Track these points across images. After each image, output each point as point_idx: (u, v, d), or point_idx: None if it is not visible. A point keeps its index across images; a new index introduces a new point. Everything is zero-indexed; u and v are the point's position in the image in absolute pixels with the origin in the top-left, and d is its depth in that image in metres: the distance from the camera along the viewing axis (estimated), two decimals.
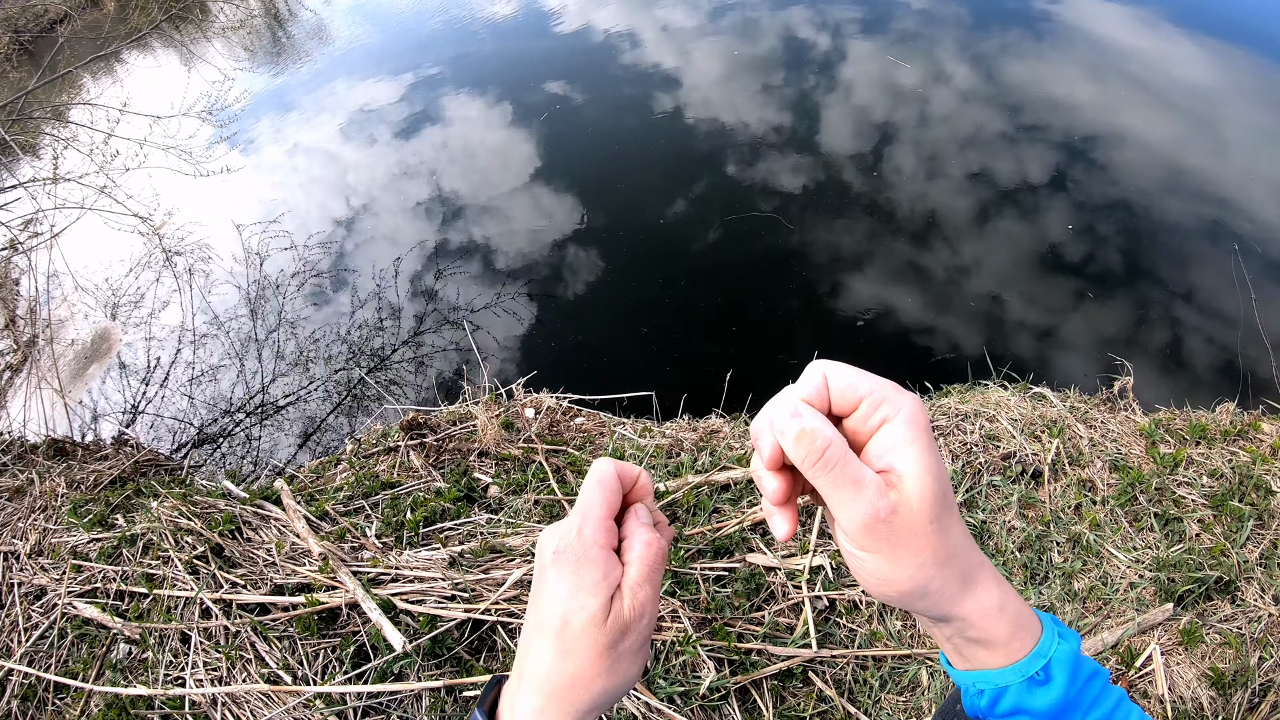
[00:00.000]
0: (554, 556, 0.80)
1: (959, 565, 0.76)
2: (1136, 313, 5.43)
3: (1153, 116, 7.20)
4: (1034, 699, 0.79)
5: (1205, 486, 3.34)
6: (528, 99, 8.93)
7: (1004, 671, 0.80)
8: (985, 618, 0.78)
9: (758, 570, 2.99)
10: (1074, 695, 0.80)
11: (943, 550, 0.74)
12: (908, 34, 9.03)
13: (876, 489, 0.72)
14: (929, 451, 0.73)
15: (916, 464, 0.72)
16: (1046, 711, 0.79)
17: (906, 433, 0.72)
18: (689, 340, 5.67)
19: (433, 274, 6.63)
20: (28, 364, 6.31)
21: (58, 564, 3.45)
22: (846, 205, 6.66)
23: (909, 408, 0.73)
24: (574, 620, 0.78)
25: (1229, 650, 2.73)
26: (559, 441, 3.89)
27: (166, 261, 7.10)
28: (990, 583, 0.78)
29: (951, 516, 0.74)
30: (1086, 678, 0.81)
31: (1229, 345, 5.16)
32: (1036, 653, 0.79)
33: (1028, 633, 0.80)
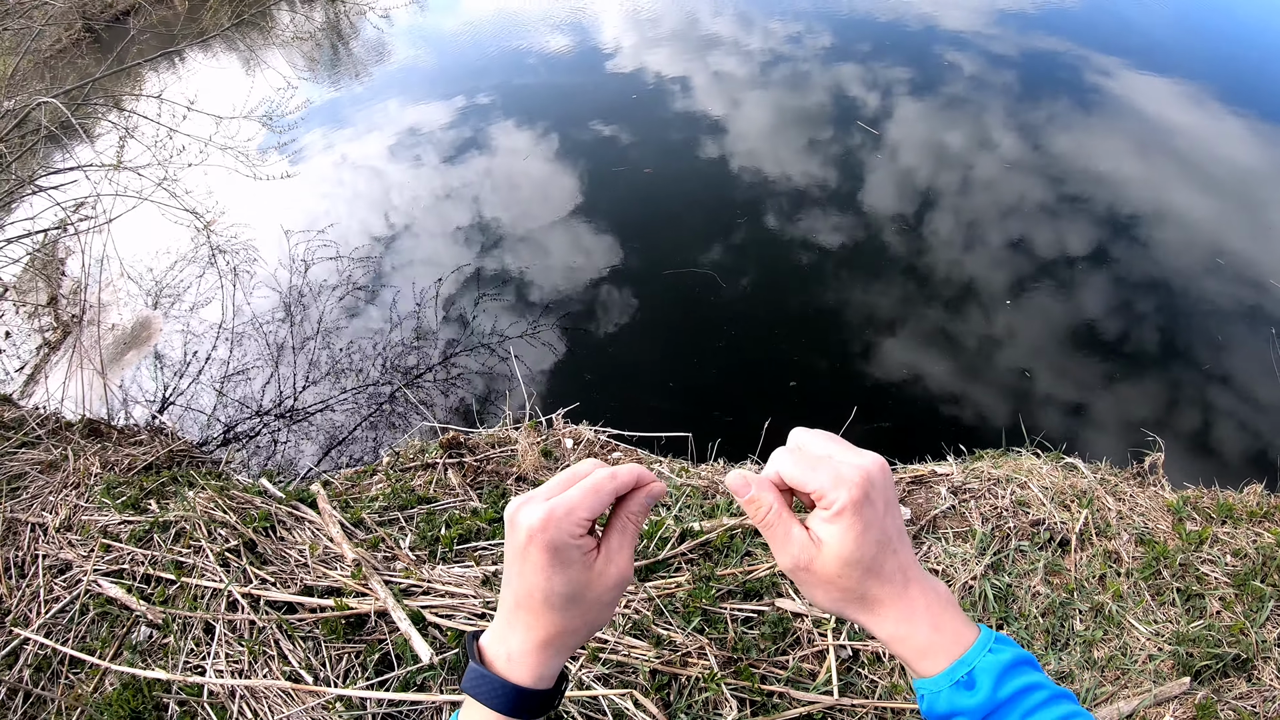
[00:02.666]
0: (531, 535, 0.92)
1: (863, 604, 0.95)
2: (1170, 393, 5.43)
3: (1196, 196, 7.22)
4: (963, 700, 0.93)
5: (1229, 565, 3.35)
6: (575, 135, 9.03)
7: (935, 679, 0.94)
8: (889, 641, 0.96)
9: (785, 615, 3.00)
10: (1002, 698, 0.92)
11: (850, 593, 0.94)
12: (956, 99, 9.09)
13: (800, 545, 0.95)
14: (849, 530, 0.92)
15: (833, 538, 0.92)
16: (973, 710, 0.92)
17: (833, 517, 0.92)
18: (725, 387, 5.69)
19: (470, 299, 6.68)
20: (68, 341, 6.38)
21: (86, 541, 3.48)
22: (884, 267, 6.70)
23: (841, 500, 0.91)
24: (557, 592, 0.94)
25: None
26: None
27: (212, 259, 7.18)
28: (898, 619, 0.95)
29: (865, 576, 0.94)
30: (1021, 689, 0.93)
31: (1261, 430, 5.15)
32: (960, 662, 0.94)
33: (944, 653, 0.94)
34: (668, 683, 2.70)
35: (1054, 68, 9.72)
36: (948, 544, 3.44)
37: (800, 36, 11.16)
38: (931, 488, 3.81)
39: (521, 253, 7.22)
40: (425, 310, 6.56)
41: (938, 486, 3.79)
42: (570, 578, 0.94)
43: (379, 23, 14.04)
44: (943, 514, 3.60)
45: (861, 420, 4.36)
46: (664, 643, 2.81)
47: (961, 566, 3.30)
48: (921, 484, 3.86)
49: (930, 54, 10.25)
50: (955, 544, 3.44)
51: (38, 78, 8.64)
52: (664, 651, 2.76)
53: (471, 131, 9.43)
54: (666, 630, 2.86)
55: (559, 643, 0.97)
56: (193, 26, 9.87)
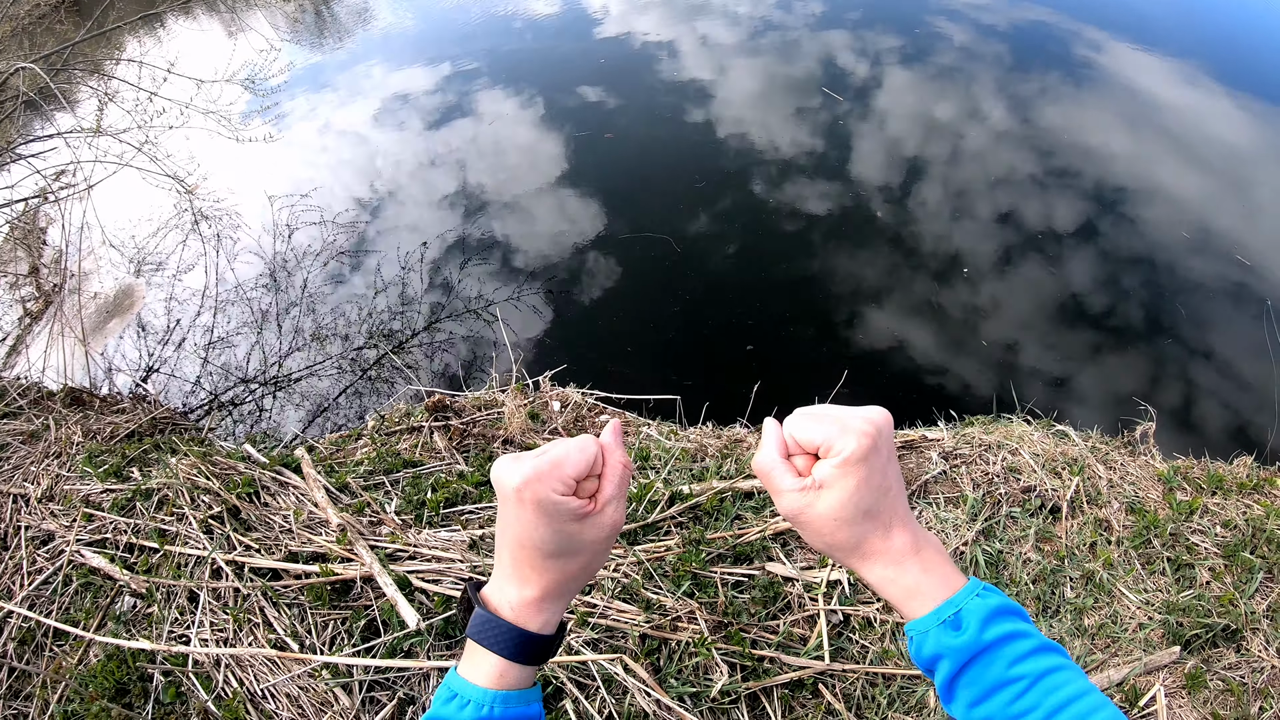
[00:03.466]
0: (519, 492, 0.97)
1: (855, 551, 1.01)
2: (1159, 365, 5.43)
3: (1185, 172, 7.20)
4: (949, 640, 0.95)
5: (1218, 536, 3.37)
6: (561, 101, 8.94)
7: (923, 619, 0.98)
8: (879, 585, 1.01)
9: (776, 579, 2.99)
10: (988, 640, 0.95)
11: (842, 540, 1.00)
12: (946, 69, 9.03)
13: (792, 497, 1.01)
14: (842, 489, 0.98)
15: (831, 488, 0.98)
16: (959, 649, 0.95)
17: (833, 468, 0.98)
18: (713, 350, 5.66)
19: (455, 264, 6.63)
20: (50, 311, 6.31)
21: (68, 511, 3.44)
22: (870, 236, 6.66)
23: (850, 448, 0.98)
24: (552, 544, 0.99)
25: (1230, 697, 2.76)
26: None
27: (195, 225, 7.10)
28: (887, 564, 1.00)
29: (858, 524, 1.00)
30: (1007, 634, 0.96)
31: (1248, 405, 5.15)
32: (948, 603, 0.97)
33: (931, 596, 0.98)
34: (658, 647, 2.69)
35: (1045, 40, 9.67)
36: (939, 509, 3.43)
37: (789, 2, 11.07)
38: (922, 453, 3.79)
39: (506, 219, 7.15)
40: (410, 276, 6.51)
41: (929, 451, 3.78)
42: (562, 529, 0.98)
43: None
44: (934, 479, 3.59)
45: (850, 384, 4.33)
46: (654, 607, 2.80)
47: (953, 532, 3.29)
48: (912, 449, 3.84)
49: (921, 23, 10.17)
50: (946, 509, 3.43)
51: (16, 44, 8.50)
52: (654, 616, 2.75)
53: (456, 97, 9.33)
54: (656, 594, 2.85)
55: (559, 590, 1.02)
56: None
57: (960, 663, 0.95)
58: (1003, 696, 0.94)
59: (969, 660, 0.95)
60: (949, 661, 0.96)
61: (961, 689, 0.97)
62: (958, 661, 0.95)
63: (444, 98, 9.35)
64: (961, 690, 0.97)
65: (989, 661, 0.95)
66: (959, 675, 0.96)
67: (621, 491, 1.04)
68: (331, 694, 2.62)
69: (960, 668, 0.96)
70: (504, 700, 0.98)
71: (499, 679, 0.99)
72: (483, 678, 0.99)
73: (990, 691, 0.95)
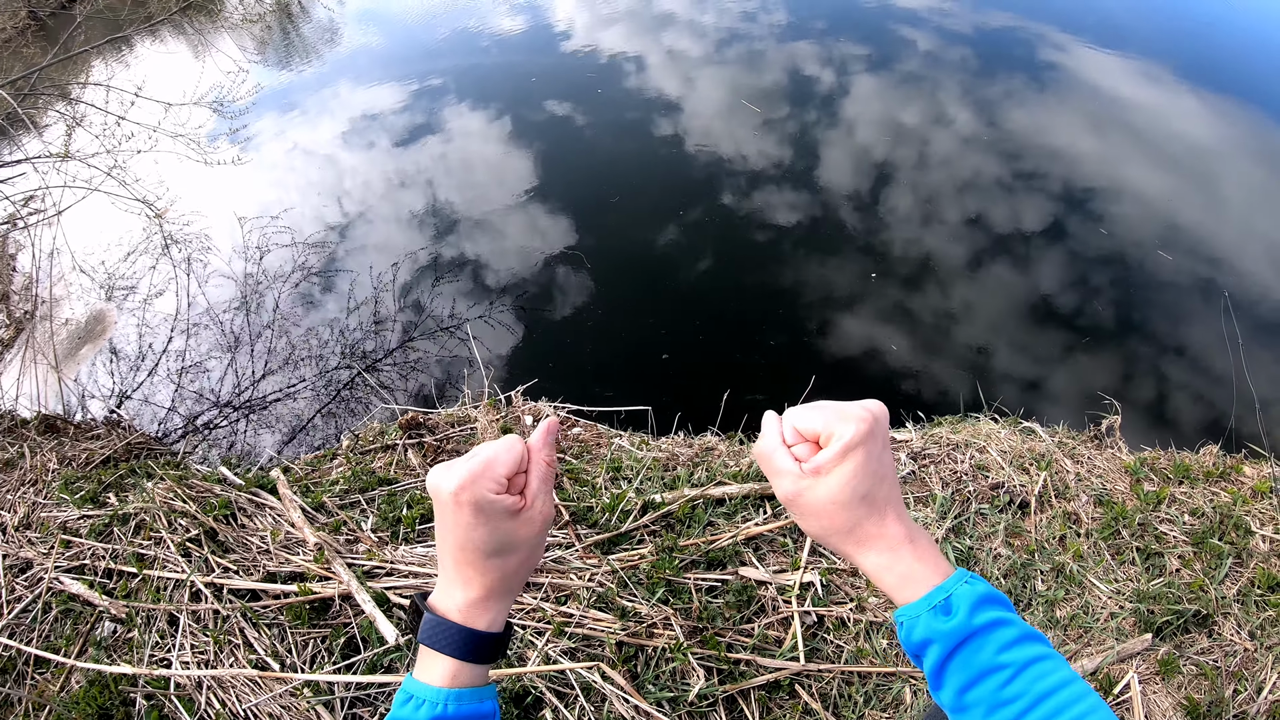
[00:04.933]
0: (456, 496, 1.02)
1: (850, 536, 1.05)
2: (1126, 362, 5.50)
3: (1152, 171, 7.29)
4: (939, 625, 0.99)
5: (1187, 524, 3.43)
6: (530, 116, 8.97)
7: (915, 604, 1.02)
8: (873, 572, 1.05)
9: (749, 583, 3.02)
10: (977, 625, 0.99)
11: (835, 525, 1.05)
12: (912, 75, 9.11)
13: (790, 480, 1.06)
14: (840, 474, 1.03)
15: (829, 473, 1.03)
16: (949, 633, 0.99)
17: (832, 454, 1.03)
18: (684, 361, 5.70)
19: (427, 283, 6.64)
20: (21, 339, 6.28)
21: (46, 538, 3.43)
22: (839, 244, 6.71)
23: (849, 434, 1.02)
24: (490, 543, 1.04)
25: (1204, 681, 2.80)
26: (556, 450, 3.88)
27: (165, 249, 7.08)
28: (881, 552, 1.04)
29: (854, 508, 1.04)
30: (993, 620, 1.00)
31: (1213, 397, 5.24)
32: (939, 589, 1.01)
33: (924, 582, 1.03)
34: (634, 654, 2.72)
35: (1009, 44, 9.77)
36: (908, 509, 3.46)
37: (754, 14, 11.14)
38: (892, 454, 3.83)
39: (476, 237, 7.17)
40: (382, 295, 6.52)
41: (897, 453, 3.82)
42: (498, 527, 1.04)
43: (330, 4, 13.85)
44: (902, 480, 3.64)
45: (820, 390, 4.37)
46: (629, 614, 2.82)
47: None
48: None
49: (885, 30, 10.25)
50: (916, 509, 3.48)
51: None
52: (629, 623, 2.78)
53: (424, 116, 9.33)
54: (631, 602, 2.88)
55: (502, 587, 1.07)
56: (140, 11, 9.72)
57: (950, 647, 1.00)
58: (991, 682, 0.98)
59: (959, 644, 1.00)
60: (939, 646, 1.00)
61: (951, 674, 1.01)
62: (947, 645, 1.00)
63: (412, 116, 9.36)
64: (951, 675, 1.01)
65: (978, 646, 0.99)
66: (949, 659, 1.01)
67: (547, 485, 1.11)
68: (314, 712, 2.63)
69: (950, 651, 1.00)
70: (457, 698, 1.03)
71: (452, 679, 1.04)
72: (437, 678, 1.04)
73: (979, 677, 0.99)
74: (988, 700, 0.98)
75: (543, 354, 5.92)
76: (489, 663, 1.08)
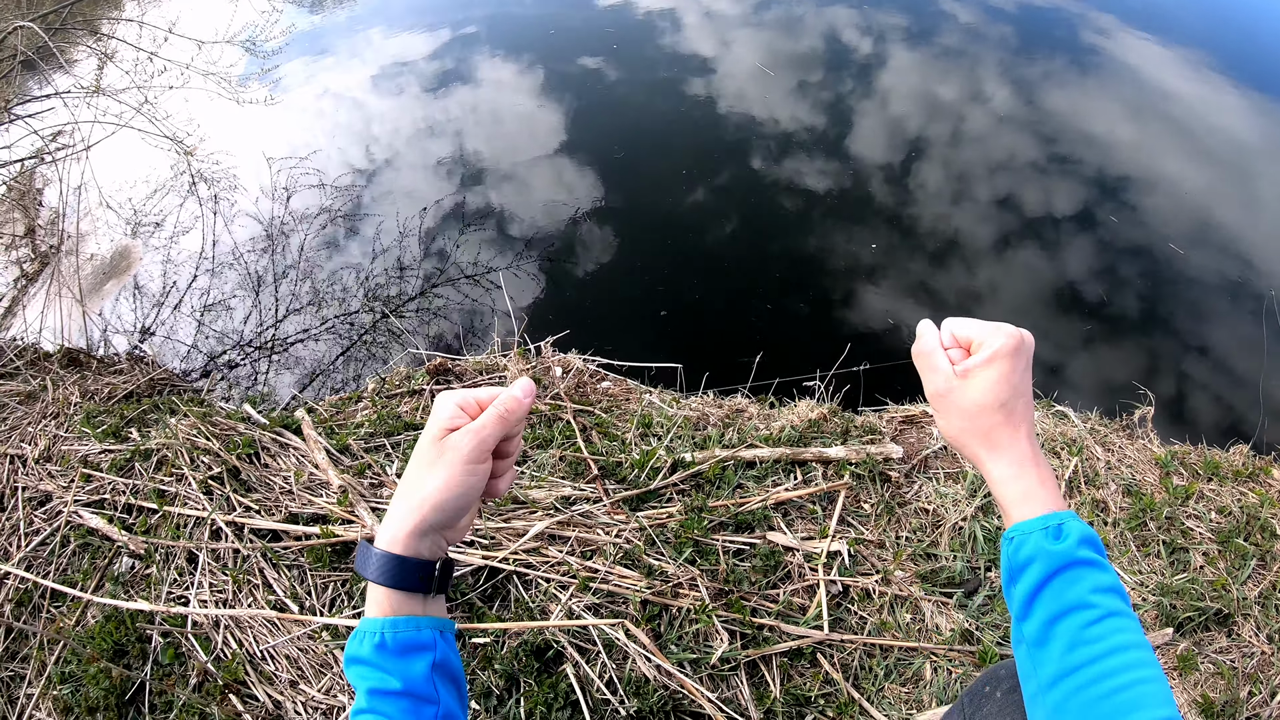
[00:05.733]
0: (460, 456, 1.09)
1: (986, 439, 1.16)
2: (1149, 355, 5.42)
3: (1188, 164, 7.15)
4: (1049, 545, 1.07)
5: (1213, 521, 3.40)
6: (562, 69, 8.85)
7: (1030, 522, 1.10)
8: (999, 482, 1.15)
9: (777, 549, 2.99)
10: (1079, 558, 1.06)
11: (974, 425, 1.16)
12: (951, 49, 8.94)
13: (944, 378, 1.19)
14: (989, 373, 1.15)
15: (976, 378, 1.16)
16: (1054, 555, 1.06)
17: (981, 359, 1.15)
18: (712, 321, 5.64)
19: (453, 231, 6.58)
20: (45, 273, 6.27)
21: (66, 472, 3.43)
22: (866, 215, 6.60)
23: (997, 344, 1.15)
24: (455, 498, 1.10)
25: (1220, 680, 2.79)
26: (585, 403, 3.88)
27: (193, 187, 7.04)
28: (1010, 462, 1.14)
29: (993, 412, 1.15)
30: (1093, 560, 1.07)
31: (1236, 399, 5.16)
32: (1055, 514, 1.10)
33: (1042, 504, 1.11)
34: (659, 613, 2.69)
35: (1052, 24, 9.54)
36: (939, 484, 3.43)
37: None
38: (923, 428, 3.79)
39: (503, 188, 7.08)
40: (407, 241, 6.46)
41: (929, 427, 3.78)
42: (471, 487, 1.10)
43: None
44: (934, 454, 3.59)
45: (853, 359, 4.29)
46: (655, 573, 2.80)
47: (952, 507, 3.30)
48: (913, 424, 3.85)
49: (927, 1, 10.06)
50: (946, 484, 3.43)
51: (14, 3, 8.41)
52: (655, 582, 2.75)
53: (455, 63, 9.22)
54: (658, 561, 2.85)
55: (425, 514, 1.09)
56: None
57: (1051, 569, 1.06)
58: (1079, 618, 1.03)
59: (1059, 569, 1.06)
60: (1041, 566, 1.07)
61: (1044, 600, 1.06)
62: (1049, 567, 1.06)
63: (442, 64, 9.25)
64: (1044, 601, 1.06)
65: (1075, 578, 1.05)
66: (1046, 582, 1.06)
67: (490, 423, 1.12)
68: (331, 655, 2.62)
69: (1050, 575, 1.06)
70: (393, 626, 1.07)
71: (387, 608, 1.08)
72: (374, 609, 1.09)
73: (1069, 610, 1.04)
74: (1070, 637, 1.03)
75: (570, 307, 5.86)
76: (423, 592, 1.10)
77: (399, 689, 1.06)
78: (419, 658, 1.08)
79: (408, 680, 1.06)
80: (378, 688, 1.06)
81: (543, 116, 7.99)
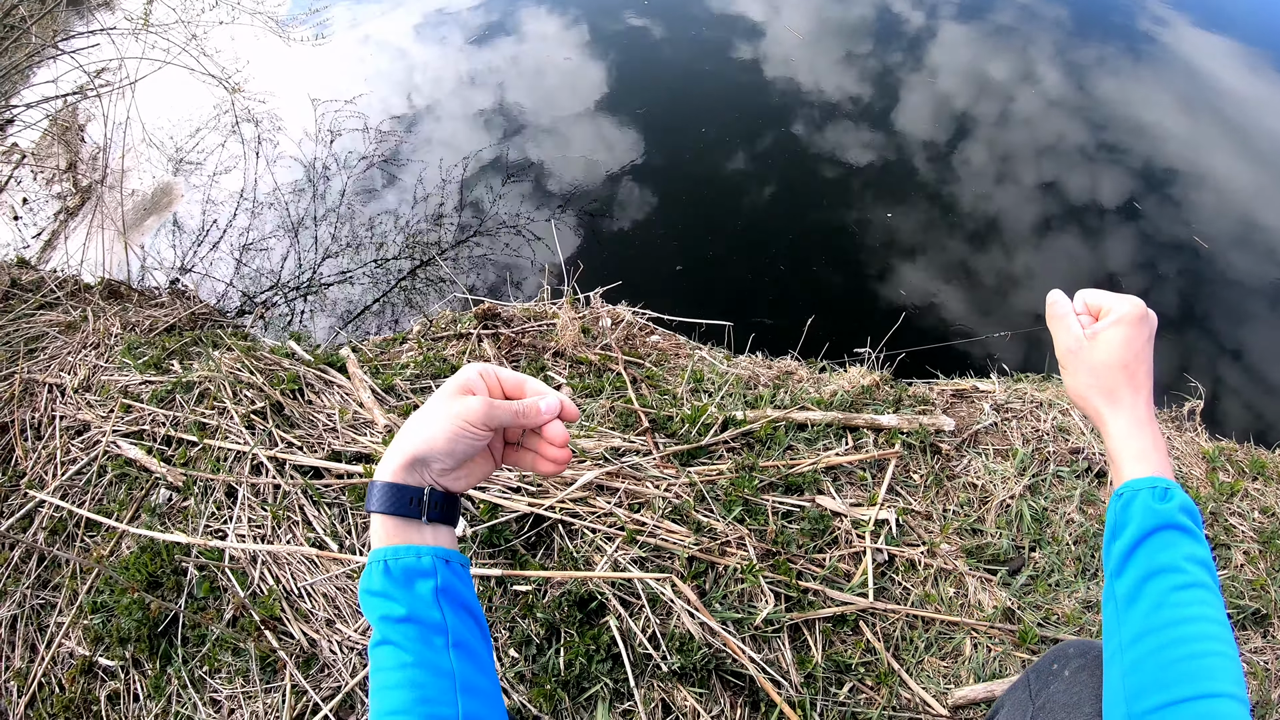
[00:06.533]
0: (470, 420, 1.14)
1: (1109, 396, 1.28)
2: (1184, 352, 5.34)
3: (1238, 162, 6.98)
4: (1154, 504, 1.16)
5: (1256, 521, 3.35)
6: (607, 26, 8.74)
7: (1140, 480, 1.19)
8: (1115, 436, 1.26)
9: (826, 513, 2.95)
10: (1177, 523, 1.15)
11: (1100, 382, 1.29)
12: (1004, 28, 8.77)
13: (1074, 338, 1.33)
14: (1114, 336, 1.28)
15: (1104, 338, 1.29)
16: (1159, 513, 1.15)
17: (1108, 322, 1.30)
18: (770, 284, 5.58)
19: (495, 181, 6.53)
20: (87, 207, 6.26)
21: (105, 402, 3.41)
22: (910, 192, 6.49)
23: (1123, 310, 1.29)
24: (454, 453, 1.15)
25: (1253, 680, 2.75)
26: (635, 355, 3.83)
27: (235, 127, 7.01)
28: (1128, 421, 1.26)
29: (1118, 371, 1.27)
30: (1190, 528, 1.15)
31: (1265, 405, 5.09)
32: (1162, 478, 1.19)
33: (1153, 466, 1.21)
34: (704, 570, 2.65)
35: (1109, 9, 9.33)
36: (988, 460, 3.37)
37: None
38: (973, 402, 3.74)
39: (544, 142, 7.03)
40: (449, 188, 6.42)
41: (980, 402, 3.72)
42: (465, 444, 1.14)
43: None
44: (984, 430, 3.53)
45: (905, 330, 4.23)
46: (703, 530, 2.76)
47: (1000, 484, 3.25)
48: (963, 398, 3.79)
49: None
50: (995, 461, 3.38)
51: None
52: (703, 539, 2.71)
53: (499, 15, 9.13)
54: (707, 518, 2.81)
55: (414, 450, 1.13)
56: None
57: (1149, 528, 1.15)
58: (1169, 580, 1.11)
59: (1156, 528, 1.15)
60: (1139, 523, 1.16)
61: (1138, 558, 1.15)
62: (1147, 525, 1.15)
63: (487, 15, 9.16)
64: (1139, 558, 1.15)
65: (1170, 541, 1.14)
66: (1142, 541, 1.15)
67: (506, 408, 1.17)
68: None
69: (1147, 533, 1.15)
70: (394, 553, 1.11)
71: (387, 537, 1.12)
72: (377, 540, 1.13)
73: (1160, 571, 1.12)
74: (1157, 597, 1.11)
75: (617, 259, 5.81)
76: (416, 516, 1.13)
77: (404, 614, 1.08)
78: (420, 582, 1.11)
79: (411, 606, 1.09)
80: (387, 614, 1.09)
81: (585, 72, 7.91)
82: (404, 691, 1.05)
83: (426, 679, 1.06)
